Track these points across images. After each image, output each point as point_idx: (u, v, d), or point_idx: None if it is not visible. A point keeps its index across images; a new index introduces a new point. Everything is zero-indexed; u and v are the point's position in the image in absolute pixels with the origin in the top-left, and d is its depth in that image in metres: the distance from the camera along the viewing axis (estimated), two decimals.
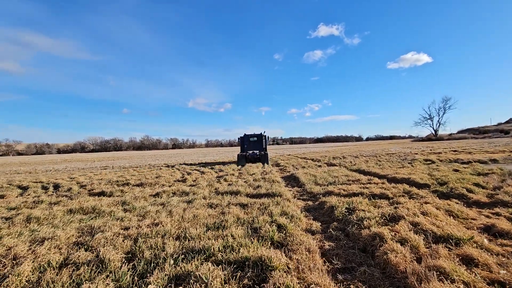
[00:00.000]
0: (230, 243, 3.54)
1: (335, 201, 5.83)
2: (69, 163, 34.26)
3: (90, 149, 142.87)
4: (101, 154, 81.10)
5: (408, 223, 4.13)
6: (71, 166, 26.85)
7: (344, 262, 3.34)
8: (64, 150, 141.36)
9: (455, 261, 3.04)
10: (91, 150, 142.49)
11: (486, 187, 7.06)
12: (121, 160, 38.24)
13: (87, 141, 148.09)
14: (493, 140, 47.26)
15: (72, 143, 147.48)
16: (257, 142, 21.54)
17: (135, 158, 43.54)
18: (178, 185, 9.94)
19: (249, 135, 21.81)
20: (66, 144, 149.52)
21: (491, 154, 17.50)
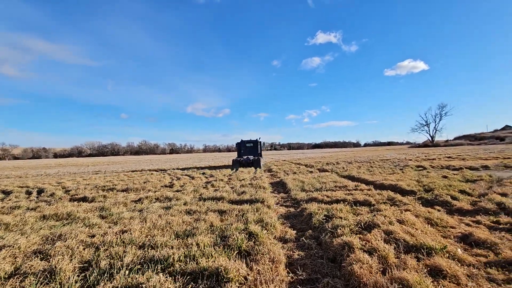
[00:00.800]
0: (192, 253, 3.39)
1: (314, 208, 5.68)
2: (63, 168, 33.94)
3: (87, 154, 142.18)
4: (97, 159, 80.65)
5: (381, 232, 3.99)
6: (64, 171, 26.58)
7: (309, 273, 3.19)
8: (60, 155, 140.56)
9: (422, 272, 2.90)
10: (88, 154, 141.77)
11: (472, 194, 6.95)
12: (116, 165, 37.96)
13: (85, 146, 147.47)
14: (488, 146, 47.38)
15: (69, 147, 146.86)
16: (253, 148, 22.68)
17: (130, 163, 43.25)
18: (163, 191, 9.77)
19: (245, 141, 22.88)
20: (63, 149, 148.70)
21: (484, 161, 17.44)
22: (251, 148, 22.74)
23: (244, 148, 22.79)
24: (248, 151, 22.66)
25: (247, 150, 22.74)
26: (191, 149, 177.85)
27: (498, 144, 51.03)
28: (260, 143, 22.92)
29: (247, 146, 22.85)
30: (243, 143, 22.83)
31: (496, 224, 4.71)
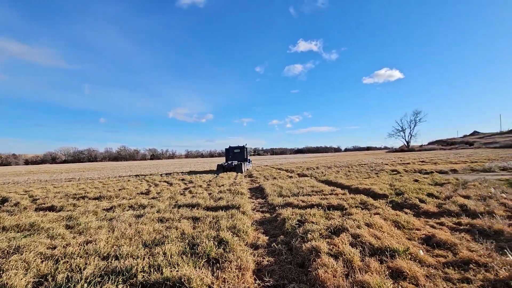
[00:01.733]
0: (158, 262, 3.29)
1: (288, 214, 5.73)
2: (33, 175, 32.10)
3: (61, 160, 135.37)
4: (73, 165, 77.07)
5: (349, 236, 4.08)
6: (34, 178, 25.14)
7: (277, 279, 3.19)
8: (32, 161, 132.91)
9: (383, 275, 2.98)
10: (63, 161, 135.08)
11: (439, 197, 7.28)
12: (92, 171, 36.42)
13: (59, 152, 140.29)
14: (459, 151, 50.03)
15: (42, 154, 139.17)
16: (240, 153, 24.22)
17: (107, 169, 41.68)
18: (138, 198, 9.48)
19: (233, 147, 24.42)
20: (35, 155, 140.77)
21: (453, 165, 18.38)
22: (238, 154, 24.13)
23: (232, 154, 24.17)
24: (235, 156, 24.02)
25: (235, 155, 24.11)
26: (173, 155, 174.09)
27: (467, 148, 54.08)
28: (246, 149, 24.18)
29: (235, 152, 24.22)
30: (231, 149, 24.15)
31: (457, 225, 4.96)
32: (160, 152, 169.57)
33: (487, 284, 2.77)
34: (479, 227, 4.61)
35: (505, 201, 6.12)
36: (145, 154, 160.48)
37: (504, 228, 4.32)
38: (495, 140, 58.93)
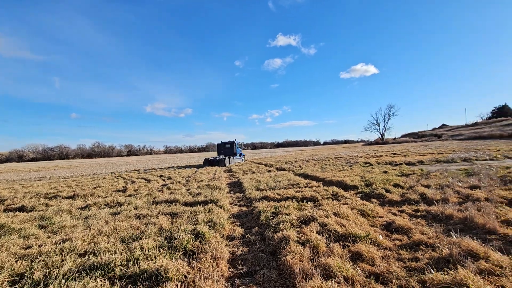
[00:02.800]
0: (135, 256, 3.42)
1: (264, 206, 6.00)
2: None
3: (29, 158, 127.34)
4: (42, 164, 72.97)
5: (317, 225, 4.41)
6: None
7: (250, 266, 3.44)
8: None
9: (345, 258, 3.32)
10: (31, 159, 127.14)
11: (403, 187, 7.88)
12: (64, 169, 34.83)
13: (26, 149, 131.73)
14: (428, 143, 53.04)
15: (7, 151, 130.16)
16: (230, 148, 25.85)
17: (81, 167, 40.02)
18: (115, 196, 9.36)
19: (225, 142, 25.96)
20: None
21: (421, 156, 19.60)
22: (229, 148, 25.70)
23: (224, 148, 25.77)
24: (226, 151, 25.58)
25: (226, 149, 25.68)
26: (151, 151, 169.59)
27: (436, 141, 57.48)
28: (235, 144, 25.81)
29: (226, 147, 25.82)
30: (223, 144, 25.72)
31: (416, 212, 5.47)
32: (137, 148, 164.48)
33: (431, 262, 3.18)
34: (433, 213, 5.13)
35: (459, 189, 6.78)
36: (121, 150, 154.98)
37: (454, 213, 4.85)
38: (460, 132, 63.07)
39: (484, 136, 47.57)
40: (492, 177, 8.20)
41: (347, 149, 53.66)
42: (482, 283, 2.52)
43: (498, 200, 5.65)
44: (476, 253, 3.18)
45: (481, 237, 3.90)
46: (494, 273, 2.78)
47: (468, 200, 5.82)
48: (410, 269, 3.11)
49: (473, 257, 3.12)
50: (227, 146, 26.09)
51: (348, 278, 2.85)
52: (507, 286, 2.54)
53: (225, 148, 26.07)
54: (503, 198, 5.81)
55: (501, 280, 2.65)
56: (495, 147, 24.09)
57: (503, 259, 3.01)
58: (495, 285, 2.58)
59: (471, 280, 2.52)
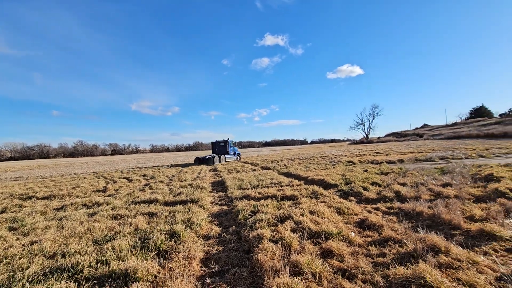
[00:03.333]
0: (106, 257, 3.37)
1: (243, 205, 6.03)
2: None
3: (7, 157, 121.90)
4: (21, 163, 70.07)
5: (292, 223, 4.49)
6: None
7: (222, 265, 3.46)
8: None
9: (315, 254, 3.40)
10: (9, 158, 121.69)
11: (381, 185, 8.11)
12: (43, 169, 33.62)
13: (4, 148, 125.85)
14: (410, 142, 54.65)
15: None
16: (223, 146, 26.59)
17: (61, 166, 38.75)
18: (94, 196, 9.15)
19: (219, 141, 26.69)
20: None
21: (402, 155, 20.18)
22: (222, 147, 26.42)
23: (218, 147, 26.49)
24: (220, 149, 26.39)
25: (220, 148, 26.43)
26: (136, 150, 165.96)
27: (417, 140, 59.30)
28: (228, 142, 26.57)
29: (220, 145, 26.52)
30: (217, 143, 26.52)
31: (389, 209, 5.65)
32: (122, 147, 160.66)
33: (397, 257, 3.31)
34: (405, 210, 5.32)
35: (432, 187, 7.05)
36: (105, 149, 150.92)
37: (424, 210, 5.05)
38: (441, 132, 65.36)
39: (463, 136, 49.50)
40: (464, 175, 8.57)
41: (333, 148, 54.51)
42: (439, 276, 2.65)
43: (467, 197, 5.93)
44: (438, 247, 3.33)
45: (446, 232, 4.09)
46: (452, 267, 2.93)
47: (439, 197, 6.07)
48: (376, 264, 3.23)
49: (435, 252, 3.27)
50: (221, 144, 26.84)
51: (316, 275, 2.93)
52: (463, 278, 2.68)
53: (219, 146, 26.82)
54: (471, 195, 6.10)
55: (458, 273, 2.79)
56: (472, 146, 25.13)
57: (462, 253, 3.17)
58: (451, 278, 2.72)
59: (429, 273, 2.65)
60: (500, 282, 2.67)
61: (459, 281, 2.66)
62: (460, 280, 2.67)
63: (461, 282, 2.65)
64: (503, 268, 2.91)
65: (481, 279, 2.67)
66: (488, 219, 4.42)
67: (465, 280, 2.65)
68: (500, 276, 2.77)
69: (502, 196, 5.69)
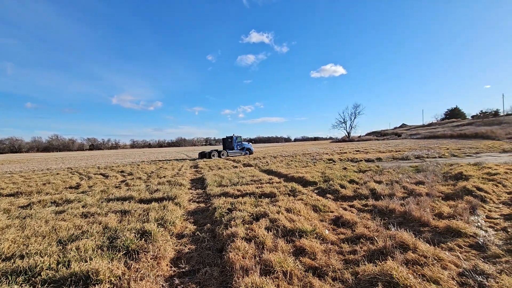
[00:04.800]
0: (68, 258, 3.18)
1: (221, 203, 5.94)
2: None
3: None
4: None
5: (268, 220, 4.46)
6: None
7: (193, 264, 3.37)
8: None
9: (288, 252, 3.38)
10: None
11: (358, 183, 8.27)
12: (14, 164, 31.76)
13: None
14: (389, 141, 56.52)
15: None
16: (230, 142, 28.63)
17: (34, 161, 36.82)
18: (65, 193, 8.72)
19: (228, 137, 28.83)
20: None
21: (381, 154, 20.79)
22: (229, 142, 28.47)
23: (227, 143, 28.65)
24: (227, 145, 28.51)
25: (228, 144, 28.50)
26: (116, 145, 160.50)
27: (396, 139, 61.43)
28: (234, 138, 28.51)
29: (229, 141, 28.58)
30: (226, 139, 28.64)
31: (364, 206, 5.77)
32: (101, 141, 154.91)
33: (367, 254, 3.36)
34: (379, 207, 5.44)
35: (406, 185, 7.27)
36: (82, 144, 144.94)
37: (396, 208, 5.19)
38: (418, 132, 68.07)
39: (438, 136, 51.75)
40: (437, 174, 8.92)
41: (316, 145, 55.28)
42: (405, 273, 2.70)
43: (437, 195, 6.15)
44: (407, 244, 3.41)
45: (415, 229, 4.21)
46: (418, 263, 3.00)
47: (411, 195, 6.27)
48: (347, 261, 3.26)
49: (404, 249, 3.35)
50: (228, 140, 28.75)
51: (287, 273, 2.90)
52: (428, 274, 2.75)
53: (227, 142, 28.80)
54: (442, 193, 6.34)
55: (423, 269, 2.86)
56: (446, 146, 26.32)
57: (428, 249, 3.26)
58: (417, 274, 2.78)
59: (395, 270, 2.69)
60: (462, 277, 2.77)
61: (424, 277, 2.72)
62: (425, 276, 2.73)
63: (426, 278, 2.71)
64: (465, 263, 3.02)
65: (444, 275, 2.75)
66: (455, 216, 4.59)
67: (430, 276, 2.72)
68: (462, 271, 2.87)
69: (469, 194, 5.95)
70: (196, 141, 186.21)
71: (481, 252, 3.38)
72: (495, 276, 2.73)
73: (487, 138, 38.76)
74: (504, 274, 2.73)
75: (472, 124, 59.02)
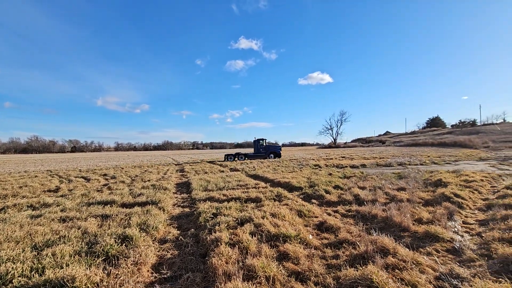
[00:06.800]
0: (43, 264, 3.05)
1: (206, 207, 5.88)
2: None
3: None
4: None
5: (252, 225, 4.45)
6: None
7: (175, 270, 3.31)
8: None
9: (271, 258, 3.38)
10: None
11: (343, 188, 8.41)
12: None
13: None
14: (374, 148, 57.94)
15: None
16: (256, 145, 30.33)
17: (11, 163, 35.18)
18: (43, 196, 8.37)
19: (258, 139, 30.29)
20: None
21: (365, 160, 21.25)
22: (258, 145, 30.00)
23: (256, 145, 30.14)
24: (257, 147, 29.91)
25: (256, 146, 30.07)
26: (100, 147, 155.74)
27: (380, 146, 63.11)
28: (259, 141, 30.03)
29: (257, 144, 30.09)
30: (256, 141, 30.13)
31: (348, 212, 5.86)
32: (84, 144, 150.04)
33: (349, 258, 3.41)
34: (362, 213, 5.54)
35: (388, 191, 7.45)
36: (64, 146, 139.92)
37: (379, 213, 5.30)
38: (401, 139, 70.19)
39: (420, 144, 53.53)
40: (418, 180, 9.21)
41: (303, 151, 55.85)
42: (385, 277, 2.76)
43: (417, 201, 6.34)
44: (387, 249, 3.49)
45: (396, 234, 4.32)
46: (398, 267, 3.07)
47: (393, 200, 6.43)
48: (330, 266, 3.29)
49: (384, 253, 3.42)
50: (257, 143, 30.23)
51: (269, 278, 2.90)
52: (406, 278, 2.82)
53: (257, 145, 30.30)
54: (422, 199, 6.54)
55: (402, 273, 2.93)
56: (427, 154, 27.25)
57: (408, 254, 3.35)
58: (396, 278, 2.85)
59: (375, 275, 2.75)
60: (438, 281, 2.85)
61: (403, 281, 2.79)
62: (404, 280, 2.80)
63: (405, 282, 2.78)
64: (442, 267, 3.12)
65: (422, 279, 2.83)
66: (434, 222, 4.75)
67: (408, 280, 2.79)
68: (439, 275, 2.96)
69: (447, 200, 6.18)
70: (183, 145, 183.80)
71: (457, 256, 3.51)
72: (469, 279, 2.83)
73: (465, 146, 40.50)
74: (477, 278, 2.83)
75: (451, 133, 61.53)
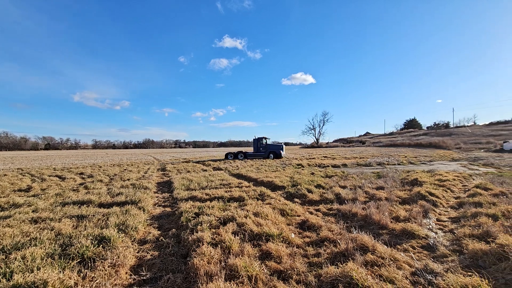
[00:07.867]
0: (12, 268, 2.87)
1: (188, 207, 5.79)
2: None
3: None
4: None
5: (235, 225, 4.43)
6: None
7: (155, 271, 3.22)
8: None
9: (254, 257, 3.38)
10: None
11: (324, 187, 8.56)
12: None
13: None
14: (354, 148, 59.49)
15: None
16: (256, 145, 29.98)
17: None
18: (13, 196, 7.90)
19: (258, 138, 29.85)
20: None
21: (346, 160, 21.77)
22: (257, 144, 29.65)
23: (256, 144, 29.75)
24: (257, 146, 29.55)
25: (255, 145, 29.69)
26: (76, 145, 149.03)
27: (360, 146, 64.89)
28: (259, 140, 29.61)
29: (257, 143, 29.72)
30: (256, 140, 29.76)
31: (329, 210, 5.97)
32: (59, 141, 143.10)
33: (330, 256, 3.47)
34: (343, 211, 5.67)
35: (368, 190, 7.66)
36: (37, 143, 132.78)
37: (359, 211, 5.44)
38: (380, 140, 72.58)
39: (398, 144, 55.57)
40: (395, 180, 9.55)
41: (286, 151, 56.29)
42: (364, 274, 2.83)
43: (395, 199, 6.57)
44: (366, 246, 3.59)
45: (375, 232, 4.45)
46: (377, 264, 3.16)
47: (372, 199, 6.62)
48: (311, 264, 3.33)
49: (364, 251, 3.51)
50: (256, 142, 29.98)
51: (252, 277, 2.89)
52: (384, 274, 2.91)
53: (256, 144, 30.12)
54: (399, 197, 6.79)
55: (381, 269, 3.02)
56: (404, 154, 28.32)
57: (386, 251, 3.46)
58: (375, 275, 2.93)
59: (355, 271, 2.81)
60: (414, 276, 2.97)
61: (381, 277, 2.88)
62: (382, 276, 2.89)
63: (383, 278, 2.87)
64: (417, 263, 3.25)
65: (399, 275, 2.93)
66: (410, 219, 4.94)
67: (386, 276, 2.88)
68: (415, 271, 3.08)
69: (423, 198, 6.45)
70: (165, 143, 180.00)
71: (431, 252, 3.66)
72: (443, 274, 2.96)
73: (439, 147, 42.51)
74: (450, 272, 2.97)
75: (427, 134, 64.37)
